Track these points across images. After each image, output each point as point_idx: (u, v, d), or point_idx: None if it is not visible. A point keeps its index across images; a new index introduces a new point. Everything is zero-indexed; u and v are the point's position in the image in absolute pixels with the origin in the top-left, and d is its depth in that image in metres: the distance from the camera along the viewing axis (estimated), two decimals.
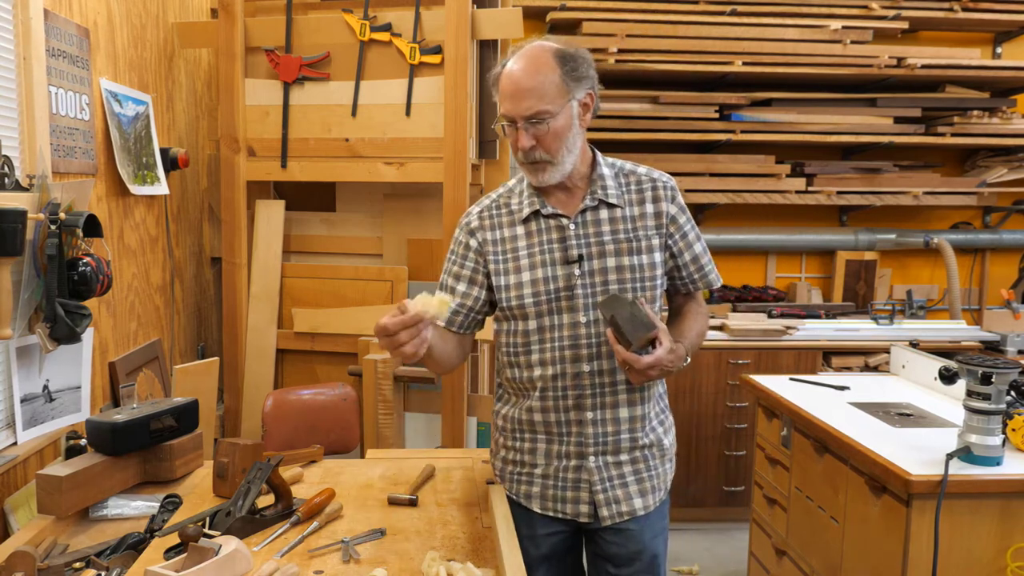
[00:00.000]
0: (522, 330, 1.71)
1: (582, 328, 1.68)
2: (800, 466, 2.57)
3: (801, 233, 4.47)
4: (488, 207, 1.77)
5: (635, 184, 1.73)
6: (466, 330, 1.78)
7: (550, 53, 1.60)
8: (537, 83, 1.58)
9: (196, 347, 3.24)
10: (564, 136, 1.62)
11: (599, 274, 1.68)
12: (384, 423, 2.88)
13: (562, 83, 1.59)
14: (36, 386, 1.95)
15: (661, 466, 1.78)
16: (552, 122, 1.60)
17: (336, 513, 1.65)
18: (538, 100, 1.58)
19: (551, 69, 1.59)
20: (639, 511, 1.73)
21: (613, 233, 1.69)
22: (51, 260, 1.85)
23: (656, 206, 1.71)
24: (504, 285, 1.71)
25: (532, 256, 1.70)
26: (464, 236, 1.76)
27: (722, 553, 3.64)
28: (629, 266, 1.68)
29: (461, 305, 1.75)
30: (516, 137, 1.62)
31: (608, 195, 1.70)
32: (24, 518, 1.83)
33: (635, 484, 1.73)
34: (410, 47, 2.90)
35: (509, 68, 1.62)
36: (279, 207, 3.15)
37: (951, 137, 4.17)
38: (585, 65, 1.63)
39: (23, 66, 1.93)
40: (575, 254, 1.68)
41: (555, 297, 1.68)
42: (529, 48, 1.63)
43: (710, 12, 4.12)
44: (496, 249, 1.73)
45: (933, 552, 1.89)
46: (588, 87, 1.64)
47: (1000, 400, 1.95)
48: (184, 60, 3.13)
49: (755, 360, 3.80)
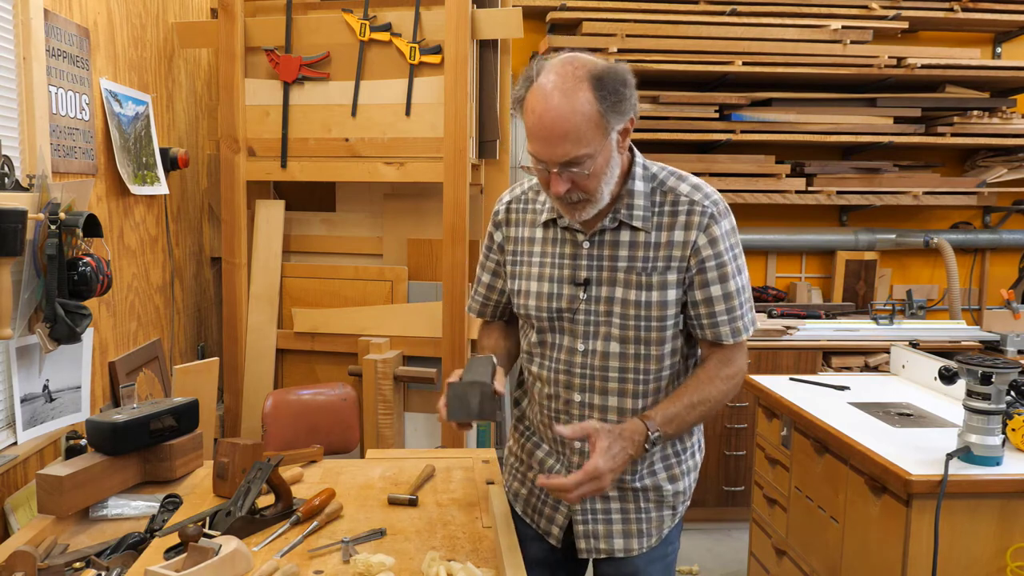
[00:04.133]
0: (529, 337, 1.65)
1: (578, 356, 1.56)
2: (800, 466, 2.57)
3: (801, 233, 4.47)
4: (518, 198, 1.66)
5: (670, 205, 1.50)
6: (499, 318, 1.77)
7: (586, 82, 1.35)
8: (573, 125, 1.35)
9: (196, 347, 3.24)
10: (603, 174, 1.42)
11: (604, 303, 1.53)
12: (384, 423, 2.88)
13: (601, 119, 1.36)
14: (36, 386, 1.95)
15: (656, 511, 1.62)
16: (591, 163, 1.39)
17: (336, 513, 1.65)
18: (575, 145, 1.36)
19: (588, 103, 1.35)
20: (618, 552, 1.61)
21: (630, 260, 1.51)
22: (51, 260, 1.85)
23: (686, 234, 1.49)
24: (516, 290, 1.63)
25: (543, 267, 1.58)
26: (492, 227, 1.70)
27: (722, 553, 3.64)
28: (635, 302, 1.50)
29: (487, 297, 1.74)
30: (548, 179, 1.43)
31: (633, 216, 1.50)
32: (24, 518, 1.83)
33: (620, 524, 1.61)
34: (410, 47, 2.90)
35: (537, 103, 1.37)
36: (279, 207, 3.15)
37: (951, 137, 4.17)
38: (626, 89, 1.39)
39: (23, 66, 1.93)
40: (583, 276, 1.54)
41: (557, 316, 1.57)
42: (560, 73, 1.37)
43: (710, 12, 4.11)
44: (515, 248, 1.64)
45: (933, 552, 1.89)
46: (630, 113, 1.41)
47: (1000, 400, 1.94)
48: (184, 60, 3.13)
49: (755, 360, 3.80)
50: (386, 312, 3.05)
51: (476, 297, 1.77)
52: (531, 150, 1.42)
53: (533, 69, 1.41)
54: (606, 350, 1.54)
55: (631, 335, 1.52)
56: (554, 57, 1.41)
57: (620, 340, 1.53)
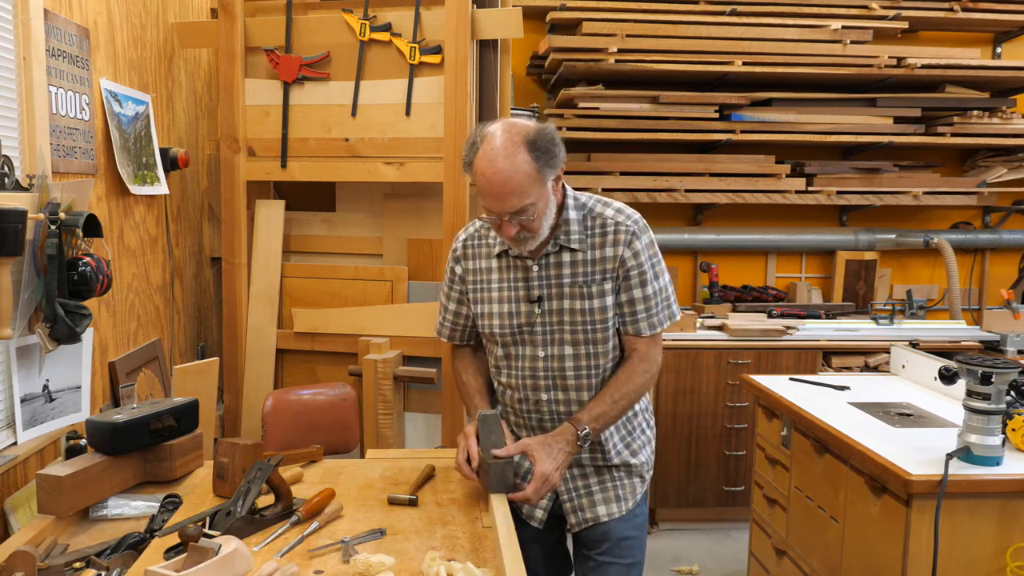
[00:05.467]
0: (495, 353, 1.91)
1: (540, 362, 1.83)
2: (800, 466, 2.57)
3: (801, 233, 4.48)
4: (472, 236, 1.92)
5: (599, 227, 1.79)
6: (466, 341, 2.02)
7: (523, 147, 1.64)
8: (517, 184, 1.64)
9: (196, 347, 3.24)
10: (544, 215, 1.71)
11: (556, 314, 1.81)
12: (384, 423, 2.88)
13: (538, 174, 1.65)
14: (36, 386, 1.95)
15: (628, 479, 1.91)
16: (534, 210, 1.68)
17: (336, 513, 1.65)
18: (520, 198, 1.65)
19: (526, 163, 1.64)
20: (603, 517, 1.88)
21: (572, 276, 1.79)
22: (51, 260, 1.85)
23: (614, 250, 1.77)
24: (480, 312, 1.89)
25: (502, 291, 1.85)
26: (452, 262, 1.95)
27: (722, 553, 3.64)
28: (580, 309, 1.79)
29: (455, 323, 1.99)
30: (500, 225, 1.71)
31: (571, 240, 1.78)
32: (24, 518, 1.83)
33: (600, 494, 1.88)
34: (410, 47, 2.90)
35: (486, 167, 1.65)
36: (279, 207, 3.15)
37: (951, 137, 4.17)
38: (555, 147, 1.68)
39: (23, 66, 1.93)
40: (536, 294, 1.81)
41: (518, 331, 1.84)
42: (500, 142, 1.64)
43: (710, 12, 4.12)
44: (475, 278, 1.90)
45: (933, 552, 1.89)
46: (560, 164, 1.71)
47: (1000, 400, 1.94)
48: (184, 60, 3.13)
49: (755, 360, 3.80)
50: (386, 312, 3.05)
51: (445, 324, 2.02)
52: (484, 204, 1.70)
53: (477, 136, 1.69)
54: (562, 353, 1.82)
55: (581, 338, 1.81)
56: (491, 125, 1.69)
57: (572, 343, 1.81)
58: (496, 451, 1.72)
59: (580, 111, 4.02)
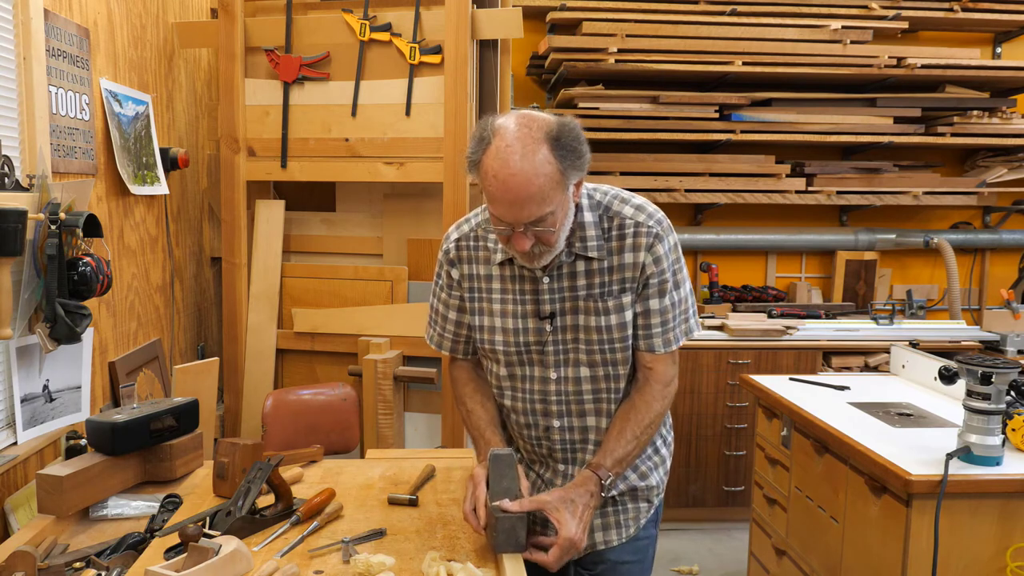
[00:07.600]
0: (496, 372, 1.68)
1: (552, 384, 1.61)
2: (800, 466, 2.57)
3: (801, 233, 4.48)
4: (467, 236, 1.65)
5: (617, 229, 1.54)
6: (470, 355, 1.75)
7: (544, 144, 1.36)
8: (536, 189, 1.35)
9: (196, 347, 3.24)
10: (563, 224, 1.45)
11: (571, 331, 1.58)
12: (384, 423, 2.88)
13: (562, 177, 1.38)
14: (36, 386, 1.95)
15: (632, 503, 1.69)
16: (553, 219, 1.41)
17: (336, 513, 1.65)
18: (540, 206, 1.37)
19: (547, 163, 1.35)
20: (599, 545, 1.68)
21: (588, 288, 1.55)
22: (51, 260, 1.85)
23: (634, 256, 1.53)
24: (479, 326, 1.65)
25: (505, 303, 1.60)
26: (447, 265, 1.68)
27: (722, 553, 3.64)
28: (596, 327, 1.55)
29: (457, 334, 1.72)
30: (510, 238, 1.43)
31: (587, 248, 1.53)
32: (24, 518, 1.83)
33: (599, 519, 1.67)
34: (410, 47, 2.90)
35: (499, 167, 1.36)
36: (279, 207, 3.15)
37: (951, 137, 4.17)
38: (581, 145, 1.40)
39: (23, 66, 1.93)
40: (547, 310, 1.57)
41: (525, 350, 1.60)
42: (517, 135, 1.36)
43: (710, 12, 4.12)
44: (472, 285, 1.65)
45: (933, 552, 1.89)
46: (585, 168, 1.43)
47: (1000, 400, 1.94)
48: (184, 60, 3.13)
49: (755, 360, 3.80)
50: (386, 312, 3.05)
51: (445, 335, 1.74)
52: (495, 212, 1.42)
53: (487, 130, 1.40)
54: (577, 375, 1.60)
55: (598, 358, 1.58)
56: (502, 117, 1.41)
57: (589, 364, 1.59)
58: (507, 505, 1.45)
59: (580, 111, 4.02)
